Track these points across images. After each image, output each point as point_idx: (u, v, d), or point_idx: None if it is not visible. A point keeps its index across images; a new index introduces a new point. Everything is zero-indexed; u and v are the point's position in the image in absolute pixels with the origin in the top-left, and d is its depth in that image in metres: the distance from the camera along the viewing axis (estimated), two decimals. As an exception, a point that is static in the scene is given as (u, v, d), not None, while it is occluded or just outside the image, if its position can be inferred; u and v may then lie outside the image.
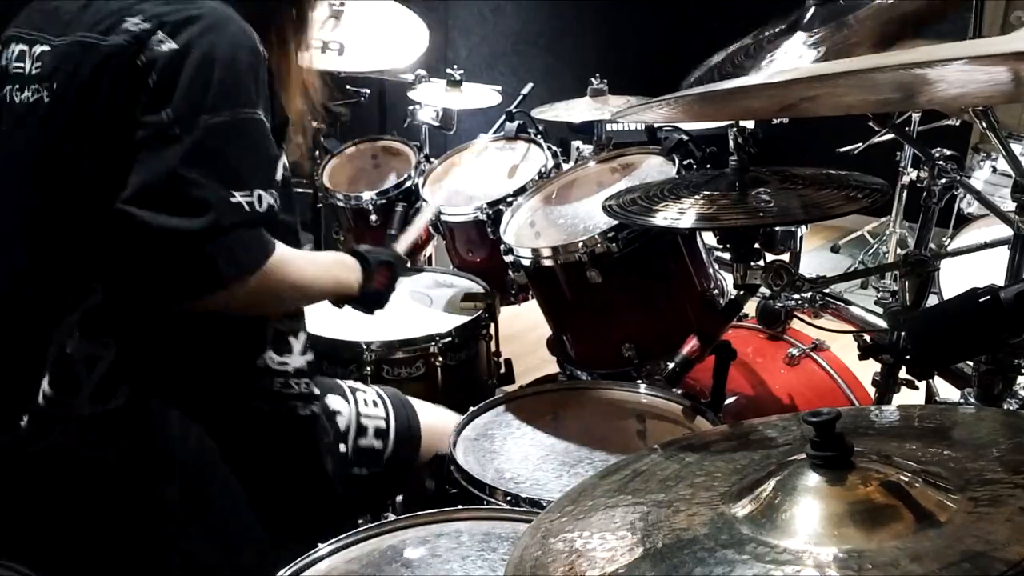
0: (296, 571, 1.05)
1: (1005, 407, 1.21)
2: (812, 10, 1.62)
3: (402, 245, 1.70)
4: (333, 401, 1.47)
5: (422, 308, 2.09)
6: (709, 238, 1.71)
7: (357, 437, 1.47)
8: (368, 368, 1.82)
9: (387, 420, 1.52)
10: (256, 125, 1.13)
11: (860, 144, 3.42)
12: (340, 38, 2.56)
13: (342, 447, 1.45)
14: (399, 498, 1.27)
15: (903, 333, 1.25)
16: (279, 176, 1.22)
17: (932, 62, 0.79)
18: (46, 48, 1.19)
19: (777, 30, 1.64)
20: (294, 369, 1.34)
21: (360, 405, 1.50)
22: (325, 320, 1.91)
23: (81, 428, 1.19)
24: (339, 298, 1.42)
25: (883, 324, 1.45)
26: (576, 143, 4.36)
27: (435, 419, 1.59)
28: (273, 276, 1.17)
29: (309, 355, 1.39)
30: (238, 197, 1.10)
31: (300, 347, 1.36)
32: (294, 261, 1.24)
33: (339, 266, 1.41)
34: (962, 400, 1.24)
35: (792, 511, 0.70)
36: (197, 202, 1.08)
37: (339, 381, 1.55)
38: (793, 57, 1.51)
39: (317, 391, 1.40)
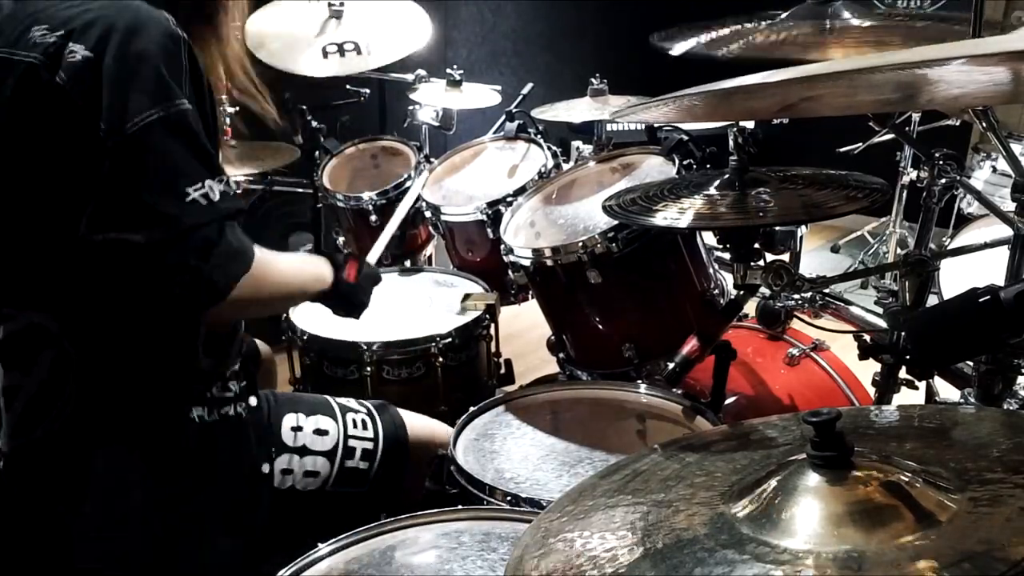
0: (296, 571, 1.05)
1: (1005, 407, 1.21)
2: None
3: (375, 251, 1.66)
4: (321, 421, 1.45)
5: (422, 308, 2.09)
6: (709, 238, 1.71)
7: (343, 459, 1.45)
8: (368, 368, 1.82)
9: (375, 441, 1.49)
10: (186, 115, 1.08)
11: (860, 144, 3.42)
12: (349, 37, 2.56)
13: (324, 467, 1.43)
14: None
15: (903, 333, 1.25)
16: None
17: (932, 62, 0.79)
18: None
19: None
20: (231, 372, 1.30)
21: (349, 427, 1.48)
22: (325, 321, 1.91)
23: (6, 464, 1.17)
24: (317, 294, 1.38)
25: (883, 324, 1.45)
26: (576, 143, 4.36)
27: (425, 433, 1.57)
28: (258, 278, 1.14)
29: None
30: (192, 193, 1.06)
31: (236, 348, 1.32)
32: (273, 259, 1.21)
33: (309, 262, 1.38)
34: (962, 400, 1.24)
35: (792, 511, 0.70)
36: (155, 211, 1.04)
37: (328, 399, 1.52)
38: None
39: (249, 394, 1.35)
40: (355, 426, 1.49)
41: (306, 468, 1.41)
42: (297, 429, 1.42)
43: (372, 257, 1.64)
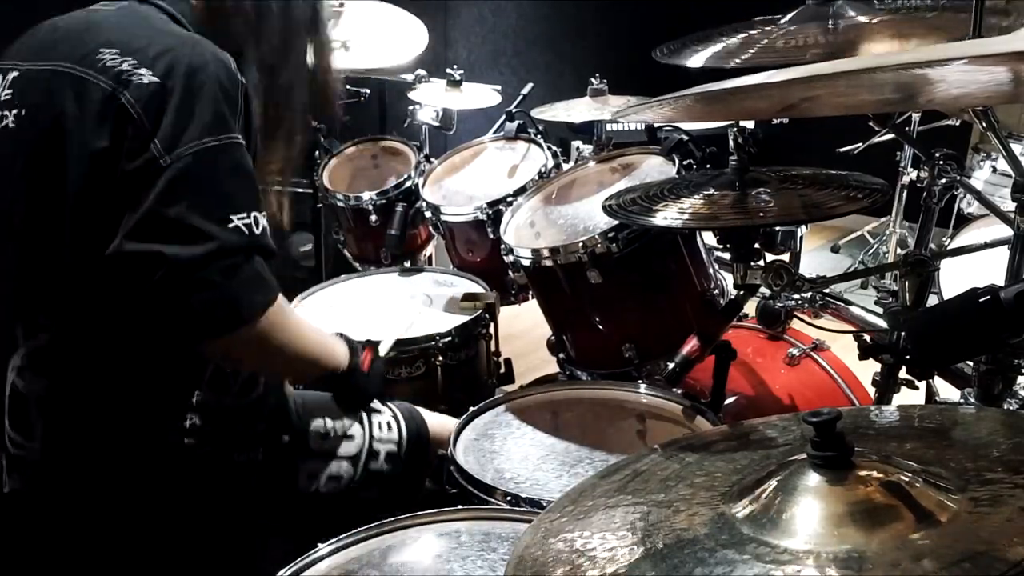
0: (296, 571, 1.05)
1: (1005, 407, 1.21)
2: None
3: (382, 347, 1.63)
4: (348, 426, 1.46)
5: (422, 308, 2.09)
6: (709, 238, 1.71)
7: (368, 461, 1.46)
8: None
9: (399, 444, 1.50)
10: (240, 149, 1.12)
11: (860, 144, 3.42)
12: (342, 36, 2.56)
13: (348, 470, 1.43)
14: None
15: (903, 333, 1.24)
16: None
17: (933, 62, 0.79)
18: (16, 74, 1.18)
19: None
20: (237, 408, 1.29)
21: (374, 429, 1.48)
22: (325, 320, 1.91)
23: (26, 468, 1.19)
24: (328, 374, 1.36)
25: (883, 324, 1.45)
26: (576, 143, 4.36)
27: (440, 429, 1.57)
28: (276, 322, 1.16)
29: (257, 391, 1.33)
30: (236, 221, 1.09)
31: (257, 393, 1.33)
32: (295, 315, 1.23)
33: (328, 336, 1.39)
34: (962, 400, 1.24)
35: (792, 511, 0.70)
36: (196, 230, 1.06)
37: None
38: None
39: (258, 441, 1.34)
40: (380, 428, 1.49)
41: (331, 473, 1.42)
42: (324, 436, 1.43)
43: (383, 348, 1.62)
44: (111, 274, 1.09)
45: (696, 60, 1.86)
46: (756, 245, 1.38)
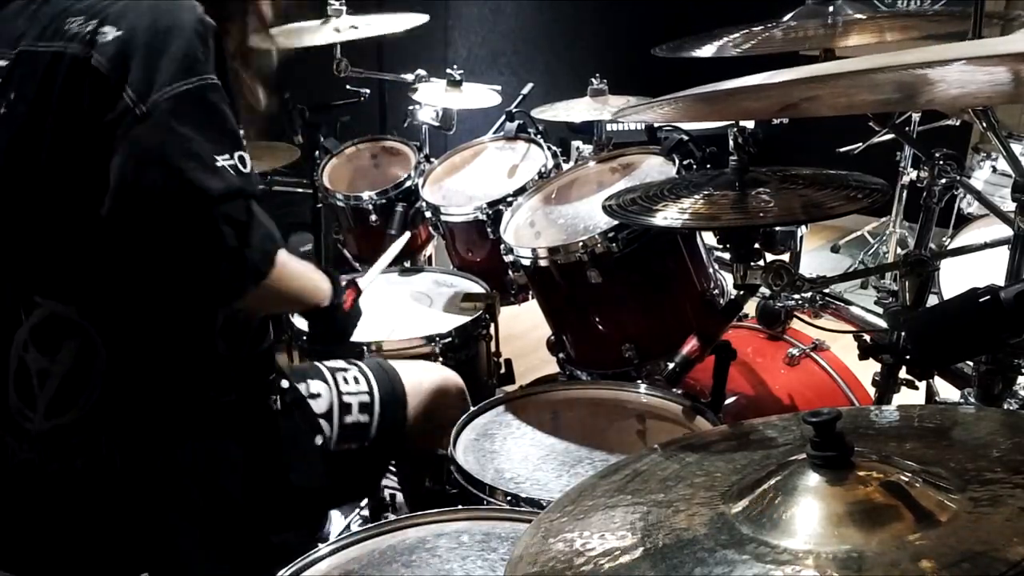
0: (296, 571, 1.06)
1: (1005, 407, 1.21)
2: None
3: (365, 279, 1.66)
4: (312, 385, 1.46)
5: (422, 308, 2.09)
6: (709, 238, 1.71)
7: (342, 415, 1.45)
8: (368, 368, 1.82)
9: (371, 393, 1.50)
10: (216, 89, 1.10)
11: (860, 144, 3.42)
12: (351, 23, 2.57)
13: (326, 427, 1.43)
14: (399, 496, 1.26)
15: (903, 333, 1.25)
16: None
17: (933, 62, 0.79)
18: (3, 63, 1.18)
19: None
20: (254, 354, 1.31)
21: (341, 384, 1.48)
22: (325, 320, 1.91)
23: (41, 444, 1.18)
24: (311, 308, 1.38)
25: (883, 324, 1.45)
26: (576, 143, 4.35)
27: (419, 376, 1.58)
28: (281, 265, 1.16)
29: (265, 343, 1.35)
30: (220, 161, 1.07)
31: (268, 341, 1.35)
32: (289, 256, 1.22)
33: (314, 271, 1.39)
34: (962, 400, 1.24)
35: (792, 511, 0.70)
36: (182, 176, 1.04)
37: (317, 364, 1.53)
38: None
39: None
40: (347, 382, 1.49)
41: None
42: None
43: (366, 280, 1.66)
44: (109, 247, 1.08)
45: (698, 54, 1.86)
46: (756, 245, 1.38)
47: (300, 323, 1.92)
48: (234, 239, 1.07)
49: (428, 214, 2.30)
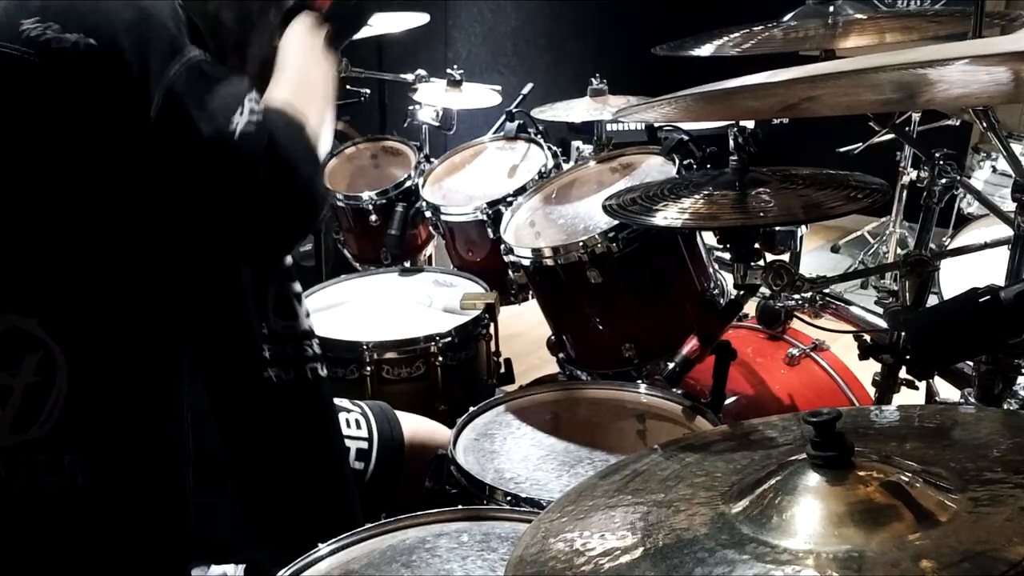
0: (296, 571, 1.05)
1: (1005, 407, 1.21)
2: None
3: None
4: None
5: (422, 308, 2.09)
6: (709, 238, 1.71)
7: None
8: (368, 368, 1.82)
9: (369, 440, 1.48)
10: (202, 60, 1.07)
11: (860, 144, 3.43)
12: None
13: None
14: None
15: (903, 333, 1.25)
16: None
17: (934, 62, 0.79)
18: None
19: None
20: (302, 331, 1.31)
21: (343, 427, 1.47)
22: (325, 320, 1.91)
23: (8, 459, 1.16)
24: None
25: (883, 324, 1.45)
26: (576, 143, 4.36)
27: (422, 433, 1.57)
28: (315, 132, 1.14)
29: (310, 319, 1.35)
30: (239, 122, 1.05)
31: (304, 311, 1.33)
32: (303, 114, 1.15)
33: (308, 62, 1.26)
34: (962, 400, 1.24)
35: (792, 511, 0.70)
36: (213, 151, 1.03)
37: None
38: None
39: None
40: (348, 426, 1.48)
41: None
42: None
43: None
44: (82, 252, 1.07)
45: (698, 53, 1.86)
46: (756, 245, 1.38)
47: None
48: (291, 196, 1.06)
49: (428, 214, 2.30)
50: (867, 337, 1.31)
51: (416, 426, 1.58)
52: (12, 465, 1.16)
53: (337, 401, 1.52)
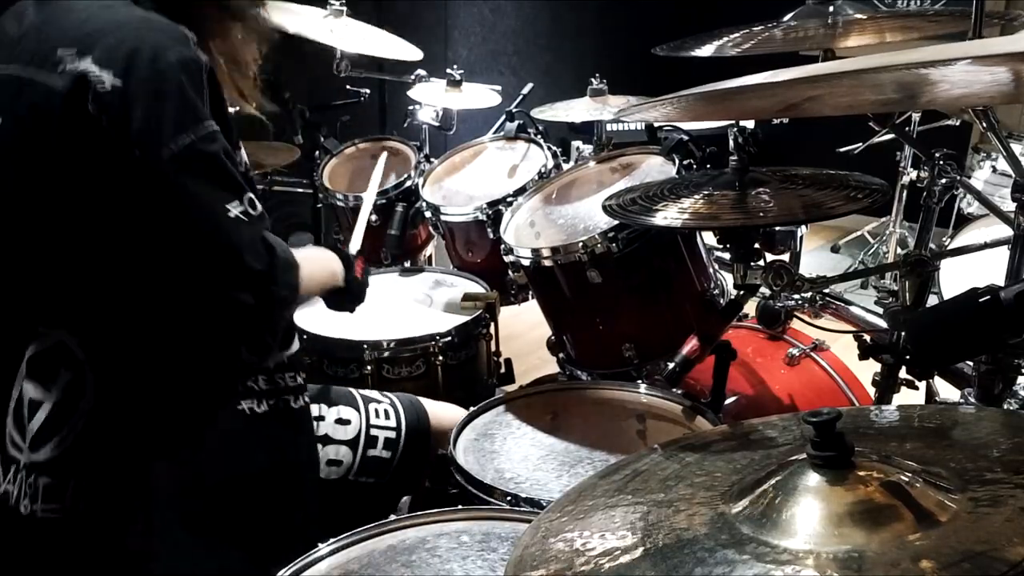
0: (296, 571, 1.05)
1: (1005, 407, 1.21)
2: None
3: (353, 244, 1.74)
4: (343, 411, 1.48)
5: (422, 308, 2.09)
6: (709, 238, 1.71)
7: (366, 448, 1.47)
8: (368, 368, 1.82)
9: (398, 431, 1.51)
10: (216, 136, 1.11)
11: (860, 144, 3.43)
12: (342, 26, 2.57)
13: (347, 456, 1.44)
14: (406, 498, 1.27)
15: (903, 333, 1.25)
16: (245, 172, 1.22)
17: (936, 62, 0.79)
18: None
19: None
20: (278, 363, 1.32)
21: (371, 416, 1.50)
22: (325, 320, 1.91)
23: (19, 478, 1.18)
24: (328, 292, 1.46)
25: (883, 324, 1.45)
26: (576, 143, 4.36)
27: (446, 419, 1.58)
28: (303, 283, 1.22)
29: (293, 347, 1.36)
30: (234, 211, 1.11)
31: (279, 342, 1.34)
32: (300, 259, 1.23)
33: (324, 259, 1.44)
34: (962, 400, 1.24)
35: (792, 511, 0.70)
36: (200, 234, 1.10)
37: (351, 390, 1.55)
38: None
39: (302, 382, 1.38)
40: (377, 416, 1.51)
41: (328, 457, 1.43)
42: (319, 419, 1.44)
43: (353, 247, 1.73)
44: (112, 275, 1.11)
45: (698, 53, 1.86)
46: (756, 245, 1.38)
47: (302, 324, 1.92)
48: (260, 283, 1.13)
49: (428, 214, 2.30)
50: (867, 337, 1.31)
51: (440, 412, 1.60)
52: (21, 484, 1.18)
53: (367, 392, 1.57)
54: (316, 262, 1.39)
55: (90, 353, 1.16)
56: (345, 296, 1.48)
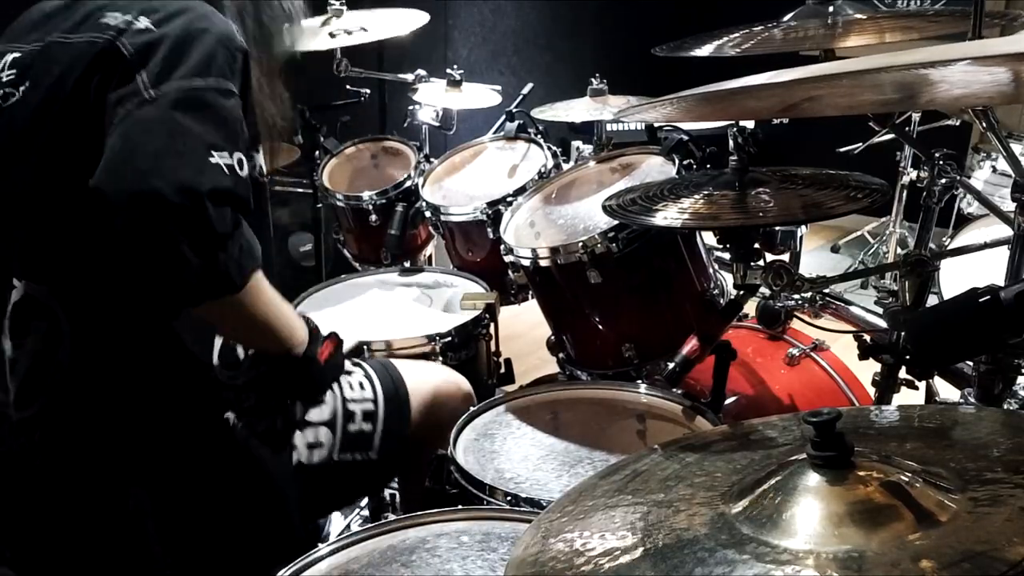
0: (296, 571, 1.05)
1: (1005, 407, 1.21)
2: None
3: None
4: None
5: (422, 308, 2.09)
6: (709, 238, 1.71)
7: (345, 423, 1.42)
8: (368, 368, 1.82)
9: (375, 400, 1.47)
10: (232, 97, 1.10)
11: (860, 144, 3.43)
12: (344, 25, 2.56)
13: (327, 437, 1.41)
14: (396, 496, 1.26)
15: (903, 333, 1.25)
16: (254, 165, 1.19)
17: (936, 63, 0.79)
18: (17, 55, 1.19)
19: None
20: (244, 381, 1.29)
21: (345, 390, 1.45)
22: (325, 320, 1.91)
23: (13, 435, 1.18)
24: (282, 355, 1.28)
25: (883, 324, 1.45)
26: (576, 143, 4.36)
27: (423, 378, 1.56)
28: (256, 288, 1.14)
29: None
30: (216, 158, 1.05)
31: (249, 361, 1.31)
32: (268, 283, 1.19)
33: (294, 316, 1.31)
34: (962, 400, 1.24)
35: (792, 511, 0.70)
36: (175, 164, 1.02)
37: None
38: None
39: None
40: (352, 388, 1.46)
41: (307, 440, 1.39)
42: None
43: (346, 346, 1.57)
44: (83, 220, 1.06)
45: (698, 53, 1.86)
46: (756, 245, 1.38)
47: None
48: (211, 242, 1.04)
49: (428, 214, 2.30)
50: (867, 337, 1.31)
51: (416, 374, 1.57)
52: (15, 441, 1.18)
53: None
54: (279, 301, 1.24)
55: (61, 299, 1.15)
56: (299, 372, 1.30)
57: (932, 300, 1.20)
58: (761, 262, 1.38)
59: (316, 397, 1.39)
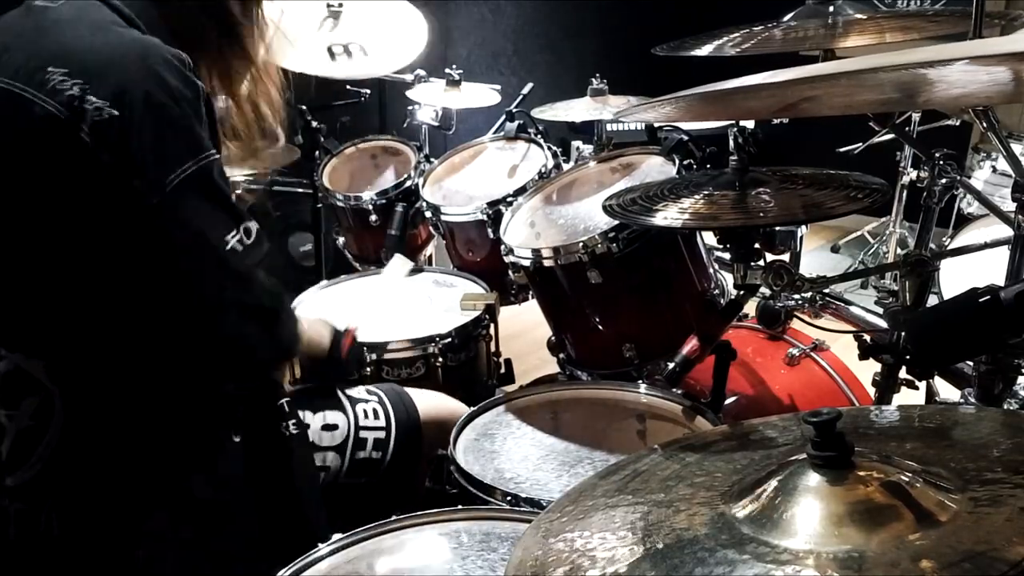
0: (296, 571, 1.05)
1: (1005, 407, 1.21)
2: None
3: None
4: (329, 416, 1.45)
5: (422, 308, 2.09)
6: (709, 238, 1.71)
7: (355, 450, 1.45)
8: (368, 368, 1.82)
9: (387, 430, 1.49)
10: (216, 164, 1.11)
11: (860, 144, 3.43)
12: (344, 40, 2.55)
13: (334, 460, 1.43)
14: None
15: (903, 333, 1.24)
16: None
17: (935, 62, 0.79)
18: None
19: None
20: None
21: (360, 418, 1.47)
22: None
23: (9, 495, 1.17)
24: (309, 360, 1.47)
25: (883, 324, 1.45)
26: (576, 143, 4.35)
27: (437, 412, 1.57)
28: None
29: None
30: (231, 241, 1.11)
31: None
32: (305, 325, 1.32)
33: (314, 324, 1.47)
34: (962, 400, 1.24)
35: (792, 511, 0.70)
36: (198, 268, 1.12)
37: (337, 392, 1.52)
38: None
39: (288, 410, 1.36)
40: (366, 416, 1.49)
41: (316, 464, 1.41)
42: (304, 427, 1.41)
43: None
44: (95, 302, 1.11)
45: (698, 53, 1.86)
46: (756, 245, 1.38)
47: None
48: (267, 323, 1.17)
49: (428, 214, 2.30)
50: (867, 337, 1.31)
51: (429, 403, 1.59)
52: (9, 505, 1.17)
53: (353, 392, 1.54)
54: (307, 326, 1.42)
55: (57, 377, 1.14)
56: (327, 369, 1.51)
57: (932, 300, 1.20)
58: (761, 262, 1.38)
59: (341, 387, 1.54)
